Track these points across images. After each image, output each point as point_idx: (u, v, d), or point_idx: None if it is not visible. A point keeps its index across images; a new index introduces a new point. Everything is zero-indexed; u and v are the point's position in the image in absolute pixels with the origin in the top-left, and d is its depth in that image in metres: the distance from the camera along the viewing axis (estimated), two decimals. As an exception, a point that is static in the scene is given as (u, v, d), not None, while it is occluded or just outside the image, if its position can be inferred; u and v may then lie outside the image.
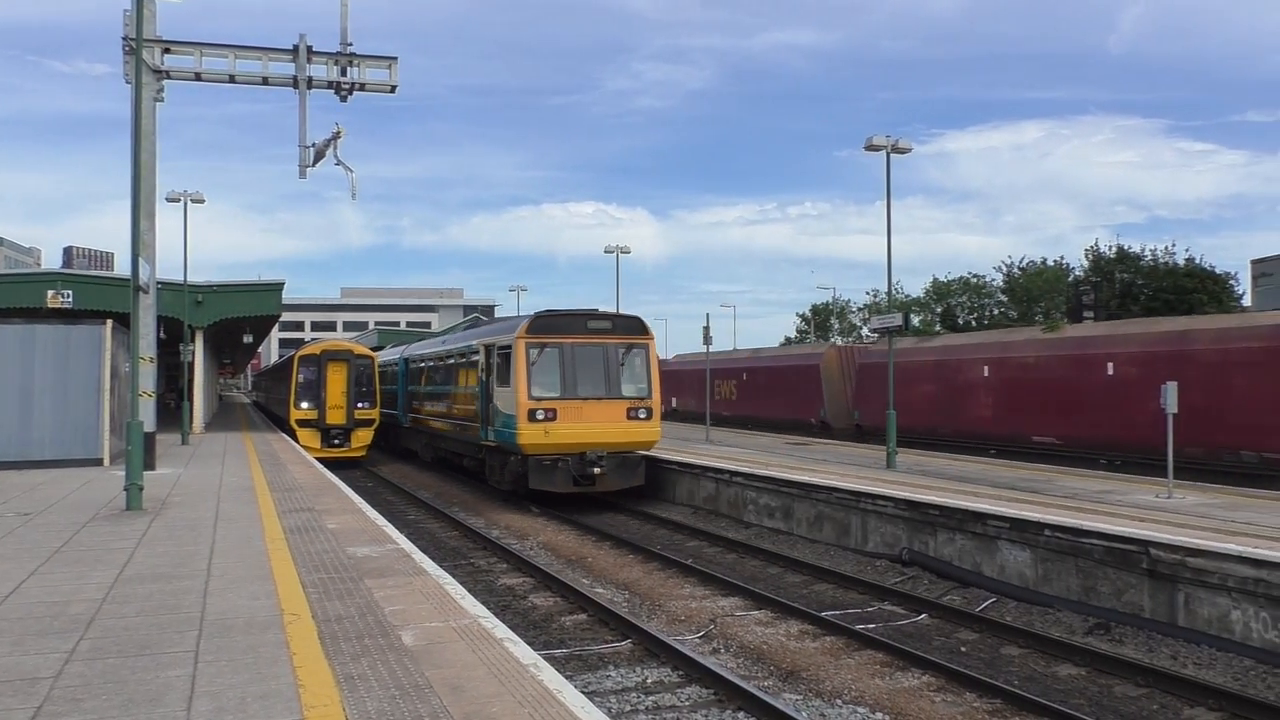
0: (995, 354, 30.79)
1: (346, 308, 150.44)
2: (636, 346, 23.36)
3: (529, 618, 12.83)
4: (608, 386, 22.70)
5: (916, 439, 31.21)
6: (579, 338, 22.74)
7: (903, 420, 27.12)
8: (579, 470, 22.11)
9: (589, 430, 22.18)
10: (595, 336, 22.97)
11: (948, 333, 48.93)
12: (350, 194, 22.25)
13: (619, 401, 22.65)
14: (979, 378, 31.04)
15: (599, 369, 22.71)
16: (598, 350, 22.84)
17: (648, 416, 22.96)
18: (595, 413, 22.35)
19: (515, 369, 22.16)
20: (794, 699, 9.64)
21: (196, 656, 6.79)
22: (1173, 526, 13.11)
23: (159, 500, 15.63)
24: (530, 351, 22.18)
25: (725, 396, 46.24)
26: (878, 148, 23.10)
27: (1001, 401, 29.91)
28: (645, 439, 23.12)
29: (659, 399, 23.58)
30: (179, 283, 34.15)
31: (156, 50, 20.00)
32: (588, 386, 22.49)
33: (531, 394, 21.92)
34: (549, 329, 22.60)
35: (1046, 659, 11.14)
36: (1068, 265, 63.06)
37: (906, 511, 16.36)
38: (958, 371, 32.16)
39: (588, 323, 23.23)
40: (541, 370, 22.18)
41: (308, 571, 9.85)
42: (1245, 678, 10.31)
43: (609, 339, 23.07)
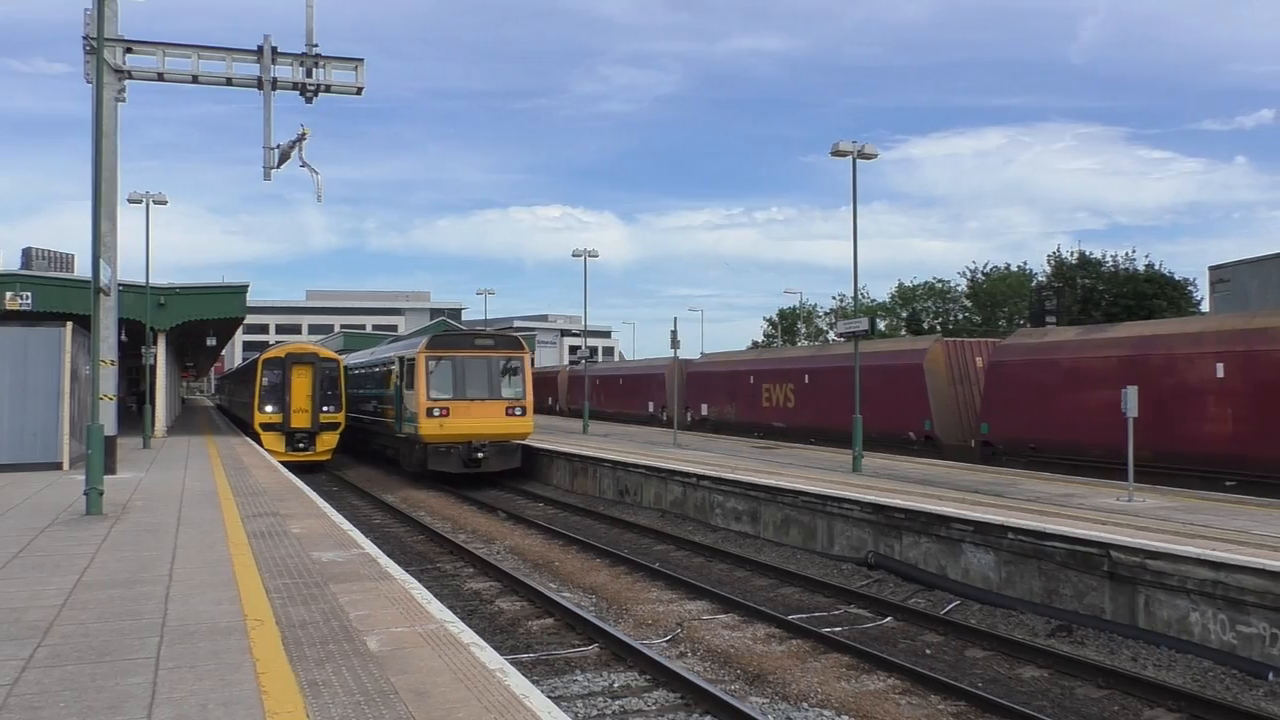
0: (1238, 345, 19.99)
1: (312, 310, 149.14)
2: (514, 359, 29.44)
3: (496, 622, 12.78)
4: (490, 390, 28.71)
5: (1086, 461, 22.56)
6: (468, 352, 28.88)
7: (1052, 435, 23.39)
8: (467, 455, 28.06)
9: (475, 424, 28.18)
10: (481, 351, 29.07)
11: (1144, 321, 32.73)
12: (316, 196, 22.15)
13: (499, 402, 28.65)
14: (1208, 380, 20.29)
15: (483, 377, 28.69)
16: (482, 362, 28.84)
17: (522, 413, 29.00)
18: (480, 411, 28.31)
19: (418, 377, 28.04)
20: (760, 702, 9.67)
21: (157, 663, 6.71)
22: (1133, 529, 13.28)
23: (120, 505, 15.42)
24: (429, 363, 28.17)
25: (778, 403, 37.20)
26: (844, 153, 23.25)
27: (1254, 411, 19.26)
28: (520, 431, 29.21)
29: (531, 400, 29.60)
30: (141, 285, 33.70)
31: (118, 50, 19.76)
32: (474, 390, 28.42)
33: (429, 396, 27.80)
34: (444, 345, 29.09)
35: (1010, 661, 11.24)
36: (1031, 271, 63.87)
37: (872, 515, 16.47)
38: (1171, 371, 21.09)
39: (475, 340, 29.85)
40: (438, 377, 28.11)
41: (271, 577, 9.76)
42: (1204, 679, 10.46)
43: (491, 353, 29.19)
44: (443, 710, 5.78)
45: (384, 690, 6.14)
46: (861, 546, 16.67)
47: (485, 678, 6.46)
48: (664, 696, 9.69)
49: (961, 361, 30.95)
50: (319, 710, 5.75)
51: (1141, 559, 11.91)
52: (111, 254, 19.26)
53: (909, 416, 29.90)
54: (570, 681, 10.15)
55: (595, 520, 22.37)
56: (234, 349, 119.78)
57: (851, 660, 11.01)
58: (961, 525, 14.62)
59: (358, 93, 20.93)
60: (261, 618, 8.00)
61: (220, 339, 48.80)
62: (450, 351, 28.74)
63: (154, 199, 33.92)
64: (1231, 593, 10.89)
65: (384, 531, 20.58)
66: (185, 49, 20.32)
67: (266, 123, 20.05)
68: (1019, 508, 15.69)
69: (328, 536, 12.54)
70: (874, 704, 9.53)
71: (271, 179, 20.08)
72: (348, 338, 64.72)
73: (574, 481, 28.29)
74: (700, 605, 13.75)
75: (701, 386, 44.44)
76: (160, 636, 7.42)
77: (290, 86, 20.42)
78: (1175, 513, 15.20)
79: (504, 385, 28.88)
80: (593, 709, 9.34)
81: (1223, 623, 11.01)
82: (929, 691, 9.94)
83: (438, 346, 28.83)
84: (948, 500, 16.55)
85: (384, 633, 7.59)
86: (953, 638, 12.25)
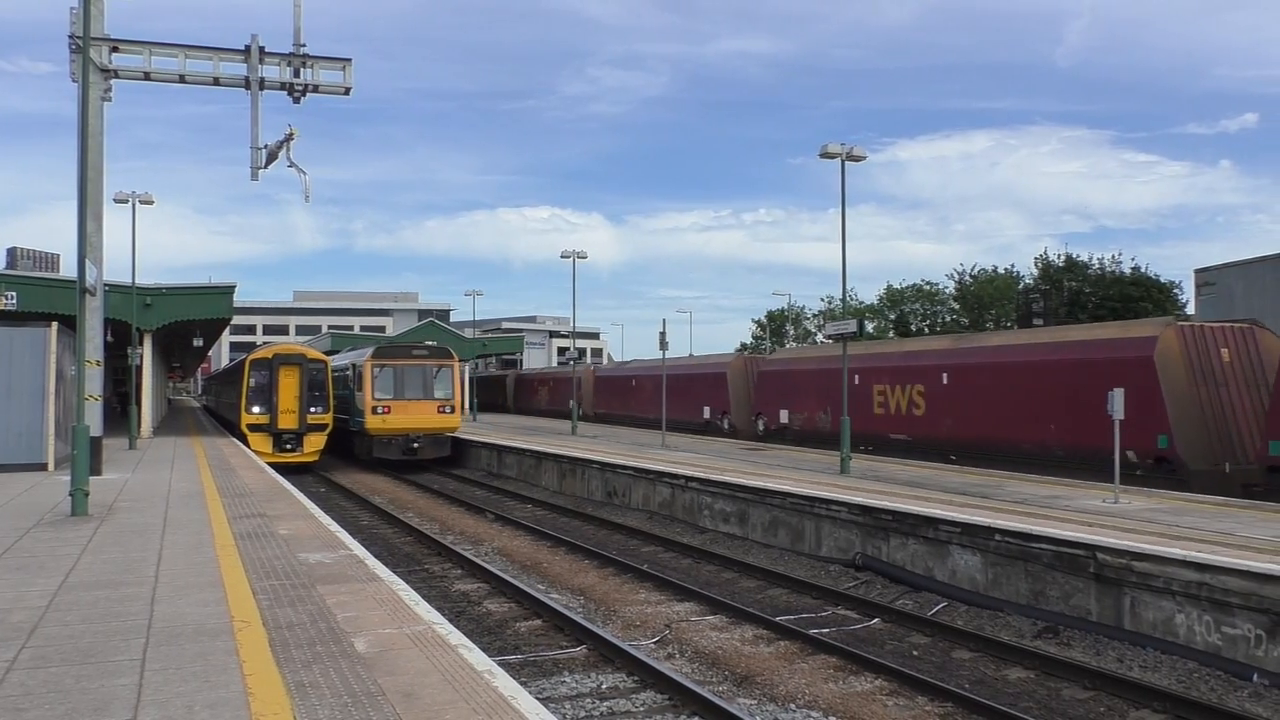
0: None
1: (299, 311, 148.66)
2: (444, 367, 35.31)
3: (484, 624, 12.76)
4: (424, 392, 34.57)
5: None
6: (406, 361, 34.80)
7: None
8: (405, 445, 34.12)
9: (411, 420, 34.21)
10: (417, 360, 35.06)
11: None
12: (304, 196, 22.00)
13: (432, 401, 34.59)
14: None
15: (419, 381, 34.57)
16: (418, 369, 34.73)
17: (451, 411, 35.00)
18: (415, 409, 34.28)
19: (365, 381, 33.89)
20: (748, 704, 9.68)
21: (143, 665, 6.68)
22: (1119, 531, 13.34)
23: (105, 506, 15.35)
24: (374, 370, 34.03)
25: (896, 409, 29.75)
26: (833, 155, 23.29)
27: None
28: (449, 425, 35.21)
29: (459, 400, 35.89)
30: (127, 285, 33.52)
31: (104, 49, 19.66)
32: (411, 392, 34.36)
33: (374, 396, 33.75)
34: (387, 355, 35.15)
35: (997, 662, 11.28)
36: (1018, 273, 64.18)
37: (860, 516, 16.50)
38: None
39: (412, 351, 36.10)
40: (381, 382, 34.03)
41: (259, 578, 9.73)
42: (1189, 680, 10.51)
43: (426, 362, 35.15)
44: (430, 712, 5.77)
45: (371, 692, 6.13)
46: (849, 548, 16.70)
47: (473, 679, 6.45)
48: (652, 698, 9.69)
49: (1203, 353, 22.61)
50: (306, 712, 5.73)
51: (1127, 561, 11.97)
52: (97, 254, 19.16)
53: (1131, 430, 20.95)
54: (558, 683, 10.15)
55: (584, 521, 22.35)
56: (221, 350, 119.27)
57: (839, 661, 11.03)
58: (949, 527, 14.66)
59: (346, 93, 20.87)
60: (248, 619, 7.97)
61: (207, 340, 48.52)
62: (391, 360, 34.69)
63: (140, 199, 33.73)
64: (1216, 594, 10.94)
65: (372, 533, 20.53)
66: (172, 48, 20.22)
67: (254, 123, 19.99)
68: (1006, 509, 15.74)
69: (315, 538, 12.50)
70: (861, 705, 9.55)
71: (259, 179, 20.02)
72: (335, 339, 64.44)
73: (562, 483, 28.28)
74: (688, 607, 13.75)
75: (779, 388, 36.42)
76: (146, 638, 7.39)
77: (278, 86, 20.34)
78: (1161, 514, 15.28)
79: (436, 388, 34.88)
80: (581, 710, 9.33)
81: (1208, 624, 11.07)
82: (916, 693, 9.96)
83: (381, 356, 34.81)
84: (935, 502, 16.59)
85: (371, 634, 7.57)
86: (940, 639, 12.28)
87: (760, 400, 37.71)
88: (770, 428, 36.34)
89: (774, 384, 37.12)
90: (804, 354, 40.32)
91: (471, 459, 36.60)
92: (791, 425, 35.15)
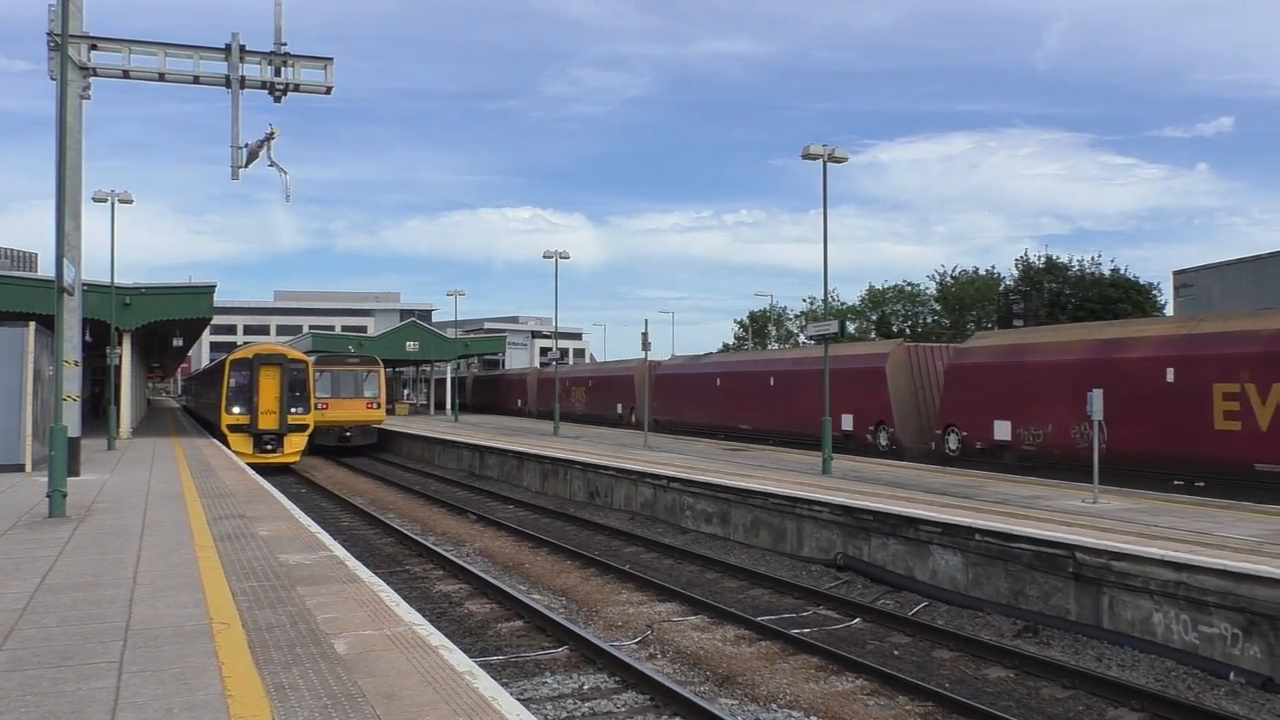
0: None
1: (280, 311, 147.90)
2: (372, 371, 42.98)
3: (465, 625, 12.73)
4: (355, 392, 42.34)
5: None
6: (340, 366, 42.64)
7: None
8: (339, 435, 41.61)
9: (344, 414, 41.71)
10: (349, 366, 43.02)
11: None
12: (284, 196, 21.95)
13: (361, 399, 42.40)
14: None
15: (350, 382, 42.27)
16: (350, 374, 42.54)
17: (377, 407, 43.08)
18: (348, 405, 42.01)
19: None
20: (730, 704, 9.69)
21: (121, 667, 6.63)
22: (1098, 531, 13.43)
23: (83, 507, 15.23)
24: (315, 373, 37.42)
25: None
26: (815, 156, 23.36)
27: None
28: (376, 419, 43.31)
29: (384, 398, 44.39)
30: (106, 284, 33.31)
31: (83, 46, 19.52)
32: (345, 392, 42.00)
33: (315, 394, 37.37)
34: (325, 361, 42.43)
35: (977, 662, 11.33)
36: (999, 275, 64.52)
37: (841, 517, 16.55)
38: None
39: (346, 358, 44.79)
40: (320, 383, 39.72)
41: (238, 579, 9.67)
42: (1167, 678, 10.59)
43: (357, 367, 43.03)
44: (410, 713, 5.75)
45: (351, 693, 6.11)
46: (830, 548, 16.75)
47: (454, 680, 6.44)
48: (633, 698, 9.69)
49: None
50: (285, 714, 5.70)
51: (1106, 560, 12.05)
52: (75, 253, 19.02)
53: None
54: (540, 683, 10.13)
55: (566, 522, 22.33)
56: (201, 350, 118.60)
57: (820, 661, 11.06)
58: (929, 527, 14.72)
59: (327, 92, 20.80)
60: (228, 621, 7.93)
61: (187, 340, 48.34)
62: (329, 366, 42.11)
63: (119, 198, 33.46)
64: (1194, 593, 11.03)
65: (352, 534, 20.45)
66: (151, 46, 20.10)
67: (234, 121, 19.87)
68: (986, 509, 15.82)
69: (295, 539, 12.44)
70: (842, 705, 9.58)
71: (239, 179, 19.92)
72: (317, 339, 64.13)
73: (545, 484, 28.26)
74: (670, 607, 13.76)
75: (992, 387, 26.27)
76: (124, 640, 7.34)
77: (259, 85, 20.25)
78: (1139, 514, 15.39)
79: (365, 389, 42.59)
80: (562, 711, 9.33)
81: (1185, 623, 11.15)
82: (897, 692, 10.00)
83: (321, 362, 41.02)
84: (916, 502, 16.66)
85: (352, 635, 7.54)
86: (920, 639, 12.32)
87: (957, 405, 27.28)
88: (974, 445, 26.43)
89: (983, 380, 26.71)
90: (1044, 337, 26.53)
91: (442, 456, 36.55)
92: (1019, 443, 24.99)
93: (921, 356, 31.99)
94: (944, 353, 31.94)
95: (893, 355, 31.33)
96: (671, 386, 46.43)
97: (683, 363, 49.22)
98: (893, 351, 31.52)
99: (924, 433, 29.85)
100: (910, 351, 31.77)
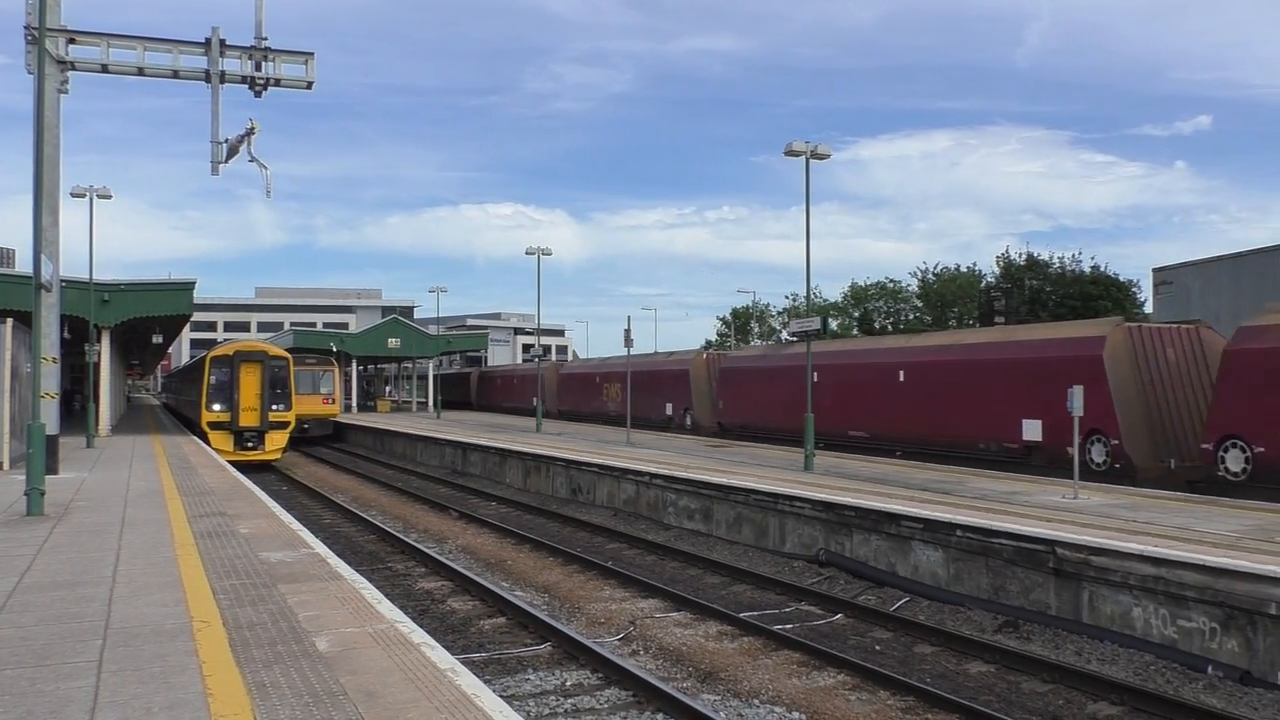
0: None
1: (261, 308, 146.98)
2: (327, 370, 49.32)
3: (447, 622, 12.70)
4: (313, 388, 47.45)
5: None
6: (299, 366, 42.86)
7: None
8: (299, 427, 42.82)
9: (303, 408, 43.16)
10: (307, 365, 47.51)
11: None
12: (265, 191, 21.77)
13: (318, 395, 47.97)
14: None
15: (309, 380, 46.87)
16: (308, 372, 47.27)
17: (332, 402, 49.32)
18: (306, 400, 45.19)
19: None
20: (712, 699, 9.71)
21: (100, 666, 6.58)
22: (1078, 526, 13.51)
23: (62, 505, 15.12)
24: None
25: None
26: (797, 153, 23.39)
27: None
28: (331, 412, 49.52)
29: (339, 394, 51.05)
30: (84, 281, 33.06)
31: (61, 40, 19.34)
32: (302, 388, 44.03)
33: None
34: None
35: (958, 657, 11.39)
36: (980, 272, 64.82)
37: (823, 513, 16.59)
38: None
39: (305, 359, 48.27)
40: None
41: (219, 578, 9.62)
42: (1145, 672, 10.66)
43: (314, 366, 48.81)
44: (392, 710, 5.74)
45: (333, 691, 6.08)
46: (813, 544, 16.79)
47: (436, 677, 6.42)
48: (616, 695, 9.69)
49: None
50: (266, 712, 5.68)
51: (1086, 555, 12.12)
52: (53, 249, 18.85)
53: None
54: (522, 680, 10.12)
55: (548, 519, 22.31)
56: (181, 347, 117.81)
57: (802, 657, 11.08)
58: (911, 523, 14.77)
59: (308, 87, 20.67)
60: (208, 619, 7.89)
61: (167, 337, 48.06)
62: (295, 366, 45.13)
63: (98, 193, 33.22)
64: (1172, 588, 11.11)
65: (334, 531, 20.38)
66: (130, 40, 19.94)
67: (214, 116, 19.72)
68: (967, 505, 15.89)
69: (276, 536, 12.39)
70: (824, 700, 9.61)
71: (219, 174, 19.77)
72: (298, 335, 63.82)
73: (527, 480, 28.22)
74: (653, 603, 13.77)
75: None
76: (103, 639, 7.29)
77: (239, 80, 20.11)
78: (1119, 510, 15.49)
79: (321, 385, 48.46)
80: (545, 707, 9.32)
81: (1164, 617, 11.24)
82: (878, 687, 10.04)
83: None
84: (897, 498, 16.72)
85: (333, 633, 7.51)
86: (902, 634, 12.38)
87: (1249, 408, 19.13)
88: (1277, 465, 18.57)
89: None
90: None
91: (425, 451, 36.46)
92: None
93: (1150, 341, 23.28)
94: (1182, 335, 23.67)
95: (1112, 338, 22.56)
96: (742, 382, 37.94)
97: (761, 351, 41.92)
98: (1111, 333, 22.75)
99: (1157, 446, 21.99)
100: (1134, 334, 23.16)
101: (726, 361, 41.25)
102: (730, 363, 40.63)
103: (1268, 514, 15.16)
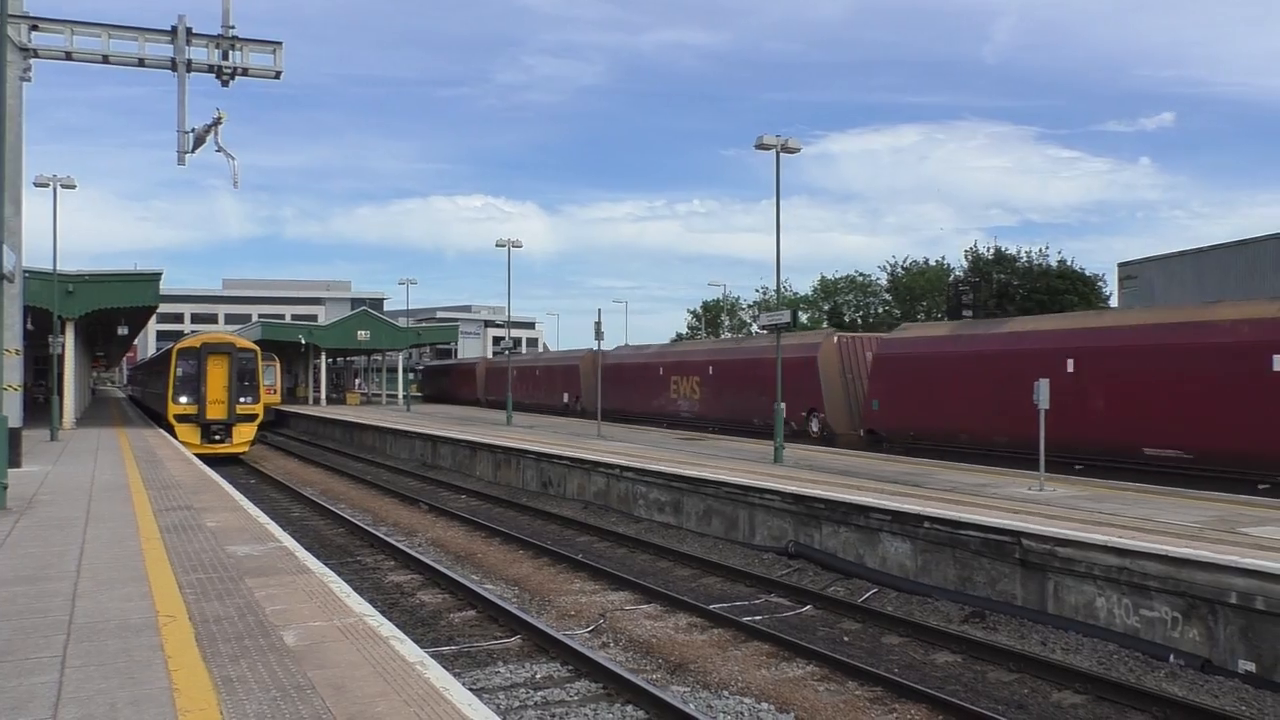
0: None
1: (228, 299, 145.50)
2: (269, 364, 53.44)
3: (417, 615, 12.67)
4: None
5: None
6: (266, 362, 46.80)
7: None
8: None
9: None
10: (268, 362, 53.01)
11: None
12: (232, 182, 21.62)
13: None
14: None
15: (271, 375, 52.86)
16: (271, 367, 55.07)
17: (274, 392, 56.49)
18: None
19: None
20: (682, 691, 9.75)
21: (64, 662, 6.52)
22: (1043, 518, 13.65)
23: (25, 499, 14.93)
24: None
25: None
26: (768, 147, 23.44)
27: None
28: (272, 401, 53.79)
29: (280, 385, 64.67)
30: (48, 271, 32.63)
31: (23, 27, 19.05)
32: None
33: None
34: None
35: (925, 647, 11.49)
36: (949, 265, 65.26)
37: (793, 505, 16.67)
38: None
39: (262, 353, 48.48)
40: None
41: (185, 572, 9.55)
42: (1109, 661, 10.81)
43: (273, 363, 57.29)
44: (361, 704, 5.72)
45: (300, 685, 6.06)
46: (782, 536, 16.88)
47: (405, 671, 6.41)
48: (586, 687, 9.70)
49: None
50: (233, 707, 5.64)
51: (1051, 546, 12.26)
52: (16, 239, 18.60)
53: None
54: (492, 673, 10.12)
55: (519, 512, 22.28)
56: (147, 339, 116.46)
57: (771, 648, 11.15)
58: (880, 515, 14.88)
59: (276, 76, 20.50)
60: (174, 614, 7.83)
61: (133, 328, 47.48)
62: None
63: (62, 183, 32.78)
64: (1135, 578, 11.27)
65: (303, 525, 20.25)
66: (95, 27, 19.69)
67: (180, 105, 19.54)
68: (935, 497, 16.03)
69: (244, 530, 12.30)
70: (793, 691, 9.67)
71: (186, 164, 19.59)
72: (266, 328, 63.27)
73: (497, 473, 28.16)
74: (623, 596, 13.79)
75: None
76: (67, 634, 7.21)
77: (206, 69, 19.91)
78: (1083, 501, 15.68)
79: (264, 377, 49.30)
80: (514, 700, 9.32)
81: (1127, 607, 11.40)
82: (847, 678, 10.12)
83: None
84: (867, 490, 16.83)
85: (301, 627, 7.47)
86: (870, 625, 12.47)
87: None
88: None
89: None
90: None
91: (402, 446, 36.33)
92: None
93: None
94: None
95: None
96: (915, 373, 26.67)
97: (947, 331, 27.85)
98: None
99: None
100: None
101: (887, 346, 28.95)
102: (895, 347, 28.32)
103: (1228, 505, 15.40)
